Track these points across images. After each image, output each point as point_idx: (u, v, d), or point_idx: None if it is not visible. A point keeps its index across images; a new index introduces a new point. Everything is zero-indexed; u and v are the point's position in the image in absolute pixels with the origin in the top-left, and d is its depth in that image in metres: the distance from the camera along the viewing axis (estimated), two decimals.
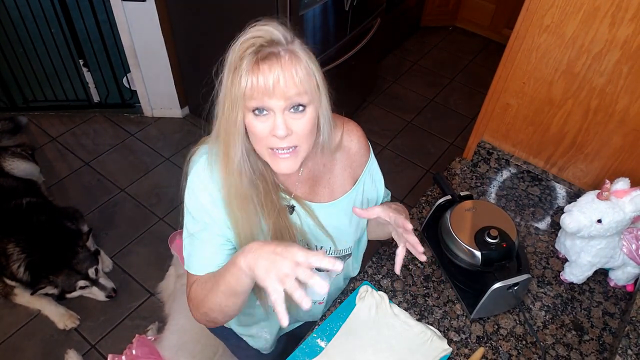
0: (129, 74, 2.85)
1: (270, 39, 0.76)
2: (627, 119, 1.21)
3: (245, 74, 0.74)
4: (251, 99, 0.75)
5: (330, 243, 0.98)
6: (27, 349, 1.94)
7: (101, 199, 2.48)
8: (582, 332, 1.14)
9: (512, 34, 1.25)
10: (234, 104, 0.76)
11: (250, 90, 0.74)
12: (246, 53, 0.74)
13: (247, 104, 0.76)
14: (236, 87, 0.75)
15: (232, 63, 0.75)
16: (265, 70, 0.73)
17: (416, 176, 2.71)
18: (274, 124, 0.76)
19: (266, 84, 0.73)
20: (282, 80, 0.74)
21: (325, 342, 1.08)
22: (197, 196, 0.87)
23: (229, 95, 0.76)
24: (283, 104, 0.75)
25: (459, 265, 1.15)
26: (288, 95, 0.75)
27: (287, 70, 0.74)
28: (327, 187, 0.97)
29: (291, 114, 0.77)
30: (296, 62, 0.75)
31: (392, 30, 3.25)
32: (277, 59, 0.74)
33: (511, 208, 1.40)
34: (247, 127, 0.79)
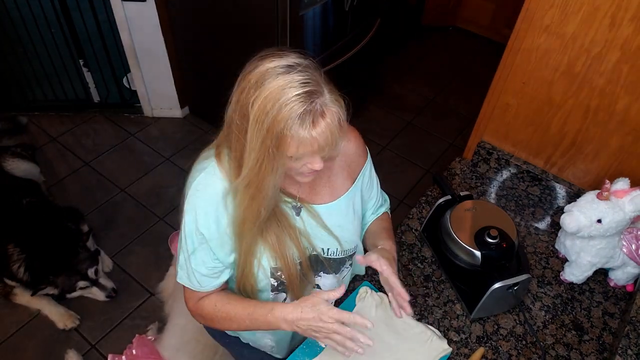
0: (129, 74, 2.85)
1: (319, 91, 0.74)
2: (627, 119, 1.21)
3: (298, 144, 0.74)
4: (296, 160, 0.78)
5: (336, 243, 0.98)
6: (27, 348, 1.94)
7: (101, 199, 2.48)
8: (582, 332, 1.14)
9: (512, 34, 1.25)
10: (276, 167, 0.77)
11: (302, 154, 0.76)
12: (291, 115, 0.72)
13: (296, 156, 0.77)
14: (283, 154, 0.75)
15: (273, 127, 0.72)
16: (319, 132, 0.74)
17: (416, 176, 2.71)
18: (312, 163, 0.80)
19: (320, 148, 0.76)
20: (327, 148, 0.76)
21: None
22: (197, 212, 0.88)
23: (269, 159, 0.76)
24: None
25: (458, 265, 1.15)
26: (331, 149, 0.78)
27: (331, 133, 0.75)
28: (327, 187, 0.97)
29: None
30: (332, 118, 0.75)
31: (392, 30, 3.25)
32: (322, 118, 0.74)
33: (511, 208, 1.40)
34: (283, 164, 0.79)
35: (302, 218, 0.94)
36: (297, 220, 0.94)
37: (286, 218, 0.91)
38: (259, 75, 0.73)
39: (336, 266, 1.03)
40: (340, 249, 1.00)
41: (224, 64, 2.43)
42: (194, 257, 0.92)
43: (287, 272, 0.93)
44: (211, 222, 0.88)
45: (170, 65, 2.67)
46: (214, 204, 0.87)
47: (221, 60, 2.44)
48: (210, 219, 0.88)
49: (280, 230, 0.90)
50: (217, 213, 0.88)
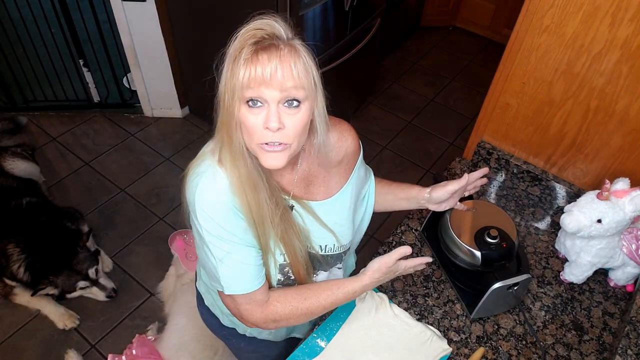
0: (129, 74, 2.85)
1: (272, 32, 0.76)
2: (627, 119, 1.21)
3: (244, 63, 0.74)
4: (248, 88, 0.75)
5: (333, 239, 0.99)
6: (27, 348, 1.94)
7: (101, 199, 2.48)
8: (582, 332, 1.14)
9: (512, 34, 1.25)
10: (233, 94, 0.76)
11: (248, 80, 0.74)
12: (247, 43, 0.75)
13: (244, 93, 0.76)
14: (235, 76, 0.75)
15: (232, 53, 0.76)
16: (264, 60, 0.74)
17: (416, 176, 2.71)
18: (267, 116, 0.76)
19: (264, 73, 0.73)
20: (279, 71, 0.74)
21: (326, 342, 1.08)
22: (213, 216, 0.84)
23: (228, 85, 0.76)
24: (278, 95, 0.75)
25: (459, 265, 1.15)
26: (284, 87, 0.75)
27: (285, 62, 0.74)
28: (323, 186, 0.97)
29: (286, 108, 0.77)
30: (295, 56, 0.75)
31: (392, 30, 3.25)
32: (276, 50, 0.74)
33: (511, 208, 1.40)
34: (240, 120, 0.78)
35: (300, 214, 0.94)
36: (298, 217, 0.94)
37: (289, 213, 0.91)
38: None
39: (333, 262, 1.03)
40: (337, 245, 1.00)
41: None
42: (230, 260, 0.87)
43: (296, 267, 0.94)
44: (232, 218, 0.85)
45: (170, 65, 2.67)
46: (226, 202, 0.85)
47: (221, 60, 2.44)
48: (230, 217, 0.85)
49: (286, 225, 0.89)
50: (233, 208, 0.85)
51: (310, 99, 0.78)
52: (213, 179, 0.85)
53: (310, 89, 0.78)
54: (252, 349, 1.24)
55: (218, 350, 1.67)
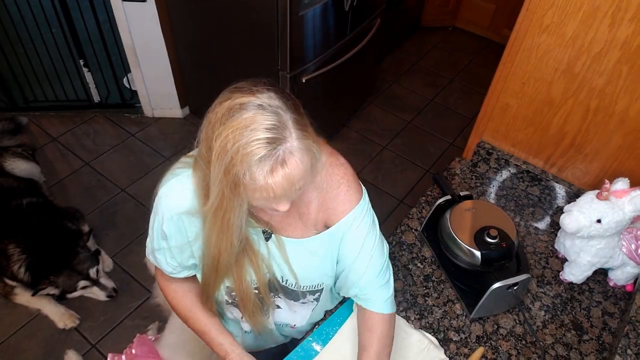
0: (129, 74, 2.85)
1: (283, 137, 0.68)
2: (626, 119, 1.21)
3: (253, 190, 0.70)
4: (258, 200, 0.74)
5: (293, 279, 0.95)
6: (27, 348, 1.94)
7: (101, 199, 2.48)
8: (581, 331, 1.14)
9: (512, 34, 1.25)
10: (237, 206, 0.75)
11: (258, 200, 0.73)
12: (248, 160, 0.67)
13: (253, 202, 0.75)
14: (241, 197, 0.73)
15: (230, 169, 0.69)
16: (277, 183, 0.69)
17: (416, 176, 2.71)
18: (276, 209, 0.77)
19: (275, 196, 0.71)
20: (288, 190, 0.71)
21: (321, 346, 1.07)
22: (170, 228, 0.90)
23: (229, 197, 0.73)
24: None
25: (458, 265, 1.15)
26: (292, 197, 0.75)
27: (295, 179, 0.70)
28: (300, 223, 0.92)
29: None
30: (294, 167, 0.69)
31: (392, 30, 3.25)
32: (282, 167, 0.68)
33: (511, 208, 1.40)
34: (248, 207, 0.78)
35: (268, 246, 0.91)
36: (263, 246, 0.91)
37: (249, 242, 0.88)
38: (225, 110, 0.70)
39: (295, 296, 1.00)
40: (296, 284, 0.96)
41: (224, 64, 2.44)
42: (159, 252, 0.96)
43: (240, 294, 0.93)
44: (173, 230, 0.89)
45: (170, 65, 2.67)
46: (178, 215, 0.87)
47: (221, 60, 2.44)
48: (172, 227, 0.89)
49: (242, 254, 0.87)
50: (179, 224, 0.88)
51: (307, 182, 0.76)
52: (181, 190, 0.86)
53: (308, 178, 0.74)
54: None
55: None
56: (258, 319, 1.00)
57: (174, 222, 0.89)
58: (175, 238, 0.91)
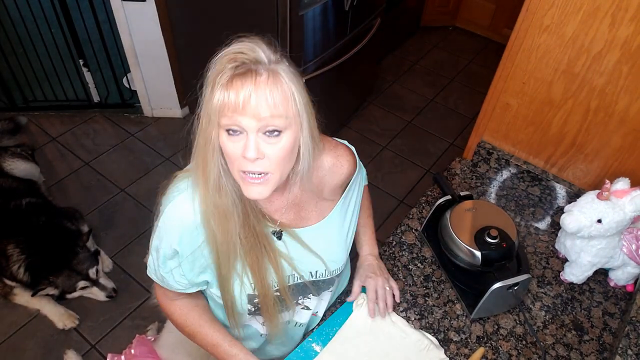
0: (129, 73, 2.85)
1: (253, 57, 0.73)
2: (627, 119, 1.21)
3: (219, 88, 0.72)
4: (223, 116, 0.73)
5: (322, 265, 0.96)
6: (27, 349, 1.94)
7: (101, 199, 2.48)
8: (582, 332, 1.14)
9: (512, 34, 1.25)
10: (210, 120, 0.74)
11: (221, 106, 0.72)
12: (226, 67, 0.72)
13: (221, 121, 0.73)
14: (211, 101, 0.73)
15: (211, 77, 0.74)
16: (237, 86, 0.71)
17: (416, 176, 2.71)
18: (245, 145, 0.73)
19: (236, 101, 0.71)
20: (253, 99, 0.70)
21: (321, 347, 1.07)
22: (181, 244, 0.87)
23: (205, 110, 0.75)
24: (255, 125, 0.72)
25: (459, 265, 1.15)
26: (260, 117, 0.71)
27: (260, 90, 0.70)
28: (315, 211, 0.94)
29: (265, 137, 0.74)
30: (273, 83, 0.71)
31: (392, 30, 3.25)
32: (252, 76, 0.71)
33: (511, 208, 1.40)
34: (221, 146, 0.76)
35: (285, 242, 0.91)
36: (280, 244, 0.91)
37: (268, 241, 0.88)
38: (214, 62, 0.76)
39: (324, 287, 1.02)
40: (327, 271, 0.98)
41: None
42: (166, 273, 0.92)
43: (263, 297, 0.92)
44: (185, 242, 0.87)
45: (170, 65, 2.67)
46: (189, 229, 0.85)
47: None
48: (184, 241, 0.87)
49: (259, 255, 0.87)
50: (191, 237, 0.86)
51: (293, 127, 0.75)
52: (189, 202, 0.84)
53: (292, 117, 0.74)
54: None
55: None
56: (277, 321, 0.99)
57: (185, 238, 0.86)
58: (185, 250, 0.88)
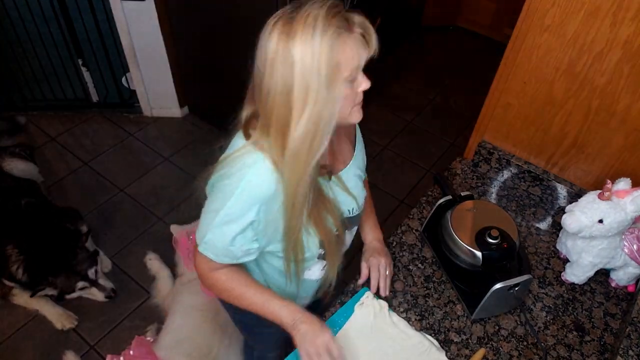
0: (128, 73, 2.84)
1: (335, 5, 0.77)
2: (628, 119, 1.20)
3: (337, 37, 0.74)
4: (352, 62, 0.77)
5: (355, 203, 1.03)
6: (26, 349, 1.93)
7: (100, 199, 2.47)
8: (583, 332, 1.13)
9: (513, 33, 1.24)
10: (332, 80, 0.75)
11: (358, 60, 0.78)
12: (333, 23, 0.74)
13: (348, 71, 0.77)
14: (338, 76, 0.75)
15: (320, 26, 0.73)
16: (354, 26, 0.77)
17: (417, 176, 2.70)
18: (362, 80, 0.82)
19: (369, 43, 0.80)
20: (374, 38, 0.80)
21: None
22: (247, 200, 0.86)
23: (323, 98, 0.75)
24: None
25: (459, 265, 1.14)
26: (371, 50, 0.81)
27: (370, 28, 0.80)
28: (342, 154, 1.02)
29: None
30: (363, 17, 0.80)
31: (393, 30, 3.24)
32: (356, 15, 0.78)
33: (512, 208, 1.39)
34: (343, 98, 0.80)
35: (332, 188, 0.96)
36: (328, 189, 0.95)
37: (321, 191, 0.92)
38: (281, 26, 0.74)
39: (355, 222, 1.09)
40: (357, 207, 1.05)
41: (223, 64, 2.43)
42: (221, 234, 0.91)
43: (328, 242, 0.97)
44: (261, 215, 0.88)
45: (169, 64, 2.67)
46: (267, 199, 0.86)
47: (221, 59, 2.43)
48: (261, 213, 0.88)
49: (320, 203, 0.91)
50: (268, 205, 0.87)
51: None
52: (264, 174, 0.84)
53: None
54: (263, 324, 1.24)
55: (213, 348, 1.68)
56: (338, 261, 1.03)
57: (262, 209, 0.87)
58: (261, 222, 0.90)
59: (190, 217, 2.37)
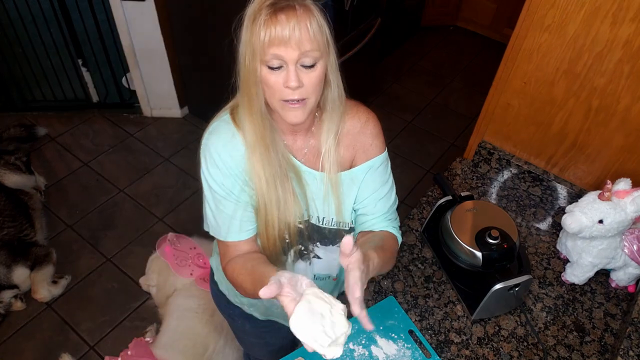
0: (128, 74, 2.84)
1: None
2: (628, 119, 1.20)
3: (263, 23, 0.78)
4: (268, 50, 0.79)
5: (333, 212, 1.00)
6: (25, 350, 1.93)
7: (100, 200, 2.47)
8: (583, 333, 1.13)
9: (513, 33, 1.24)
10: (254, 54, 0.81)
11: (268, 40, 0.78)
12: (264, 5, 0.79)
13: (264, 56, 0.80)
14: (255, 36, 0.79)
15: (251, 15, 0.80)
16: (282, 20, 0.78)
17: (417, 176, 2.70)
18: (287, 76, 0.81)
19: (283, 33, 0.78)
20: (297, 31, 0.78)
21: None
22: (219, 159, 0.91)
23: (248, 46, 0.81)
24: (297, 56, 0.80)
25: (459, 266, 1.14)
26: (302, 49, 0.79)
27: (302, 22, 0.78)
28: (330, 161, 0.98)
29: (302, 69, 0.82)
30: (310, 16, 0.79)
31: (392, 30, 3.24)
32: (293, 11, 0.78)
33: (512, 208, 1.39)
34: (262, 80, 0.83)
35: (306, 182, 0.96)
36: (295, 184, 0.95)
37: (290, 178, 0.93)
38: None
39: (332, 237, 1.03)
40: (335, 220, 1.00)
41: (223, 64, 2.42)
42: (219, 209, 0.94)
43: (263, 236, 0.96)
44: (228, 159, 0.91)
45: (169, 65, 2.67)
46: (228, 144, 0.91)
47: (220, 60, 2.43)
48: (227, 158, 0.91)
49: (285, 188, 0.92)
50: (231, 151, 0.91)
51: (324, 57, 0.84)
52: (229, 133, 0.91)
53: (324, 47, 0.83)
54: (257, 334, 1.23)
55: (208, 347, 1.69)
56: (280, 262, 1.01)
57: (233, 167, 0.91)
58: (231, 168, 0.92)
59: (190, 217, 2.38)
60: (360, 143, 1.00)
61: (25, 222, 2.13)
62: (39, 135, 2.70)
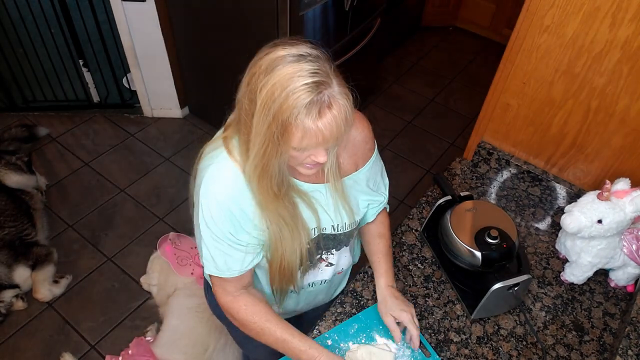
0: (128, 74, 2.85)
1: (317, 82, 0.74)
2: (627, 119, 1.21)
3: (306, 118, 0.74)
4: (303, 141, 0.76)
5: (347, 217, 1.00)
6: (26, 349, 1.94)
7: (101, 200, 2.47)
8: (582, 332, 1.13)
9: (513, 34, 1.25)
10: (280, 153, 0.78)
11: (307, 136, 0.75)
12: (297, 104, 0.72)
13: (300, 144, 0.77)
14: (287, 142, 0.76)
15: (278, 115, 0.73)
16: (325, 119, 0.74)
17: (416, 176, 2.71)
18: (315, 154, 0.81)
19: (324, 134, 0.75)
20: (335, 129, 0.76)
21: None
22: (229, 213, 0.88)
23: (273, 145, 0.76)
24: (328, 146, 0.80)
25: (459, 265, 1.15)
26: (335, 142, 0.79)
27: (336, 121, 0.75)
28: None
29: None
30: (340, 110, 0.76)
31: (392, 31, 3.24)
32: (329, 107, 0.75)
33: (511, 208, 1.40)
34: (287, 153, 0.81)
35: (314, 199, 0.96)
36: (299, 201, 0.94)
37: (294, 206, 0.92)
38: (269, 62, 0.75)
39: (345, 240, 1.05)
40: (348, 222, 1.01)
41: (223, 64, 2.43)
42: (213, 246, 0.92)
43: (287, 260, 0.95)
44: (235, 210, 0.88)
45: (170, 65, 2.67)
46: (231, 194, 0.87)
47: (221, 60, 2.44)
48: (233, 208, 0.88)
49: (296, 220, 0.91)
50: (237, 201, 0.88)
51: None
52: (231, 176, 0.87)
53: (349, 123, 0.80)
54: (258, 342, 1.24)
55: (209, 346, 1.69)
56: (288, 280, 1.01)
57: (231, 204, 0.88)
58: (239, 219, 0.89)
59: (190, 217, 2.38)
60: (360, 150, 1.02)
61: (26, 221, 2.13)
62: (40, 135, 2.71)
